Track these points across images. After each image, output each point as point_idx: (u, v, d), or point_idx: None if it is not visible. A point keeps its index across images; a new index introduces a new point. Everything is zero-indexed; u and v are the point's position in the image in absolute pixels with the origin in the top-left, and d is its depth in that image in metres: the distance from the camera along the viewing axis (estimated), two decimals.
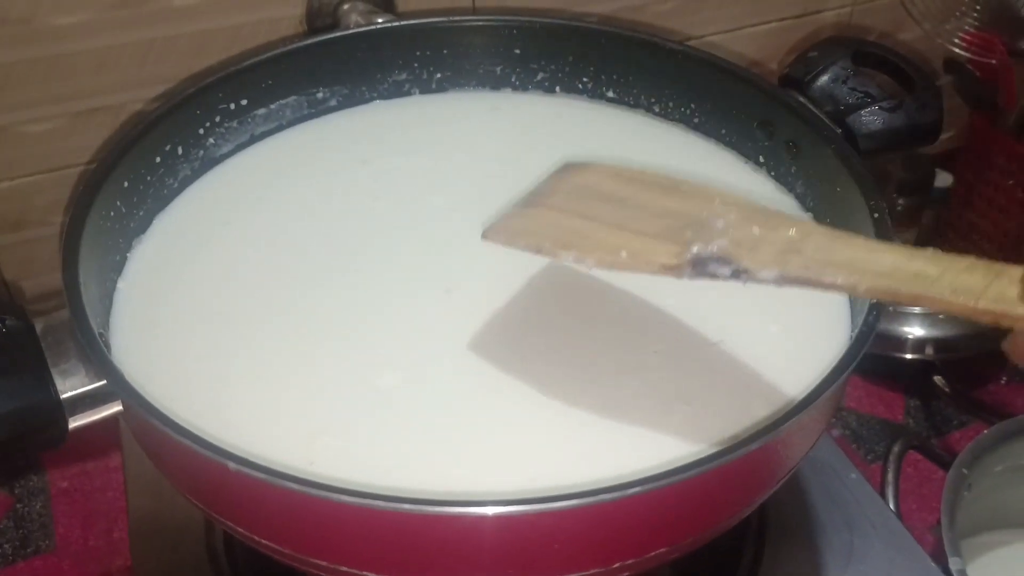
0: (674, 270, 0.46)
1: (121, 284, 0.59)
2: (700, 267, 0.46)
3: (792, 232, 0.46)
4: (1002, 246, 0.98)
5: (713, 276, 0.46)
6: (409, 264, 0.61)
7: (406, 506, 0.42)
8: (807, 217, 0.63)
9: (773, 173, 0.67)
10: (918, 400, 0.91)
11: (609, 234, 0.49)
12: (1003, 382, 0.93)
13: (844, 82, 0.63)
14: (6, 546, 0.78)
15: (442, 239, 0.63)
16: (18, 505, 0.81)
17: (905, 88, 0.64)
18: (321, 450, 0.50)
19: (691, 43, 0.87)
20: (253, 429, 0.51)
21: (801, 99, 0.63)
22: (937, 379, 0.90)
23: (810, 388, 0.50)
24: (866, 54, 0.65)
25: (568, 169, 0.55)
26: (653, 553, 0.47)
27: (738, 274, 0.45)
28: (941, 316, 0.92)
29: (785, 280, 0.44)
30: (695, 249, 0.46)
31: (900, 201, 1.00)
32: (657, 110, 0.71)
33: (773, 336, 0.57)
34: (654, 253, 0.47)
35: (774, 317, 0.57)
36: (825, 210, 0.63)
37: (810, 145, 0.63)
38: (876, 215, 0.55)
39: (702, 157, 0.69)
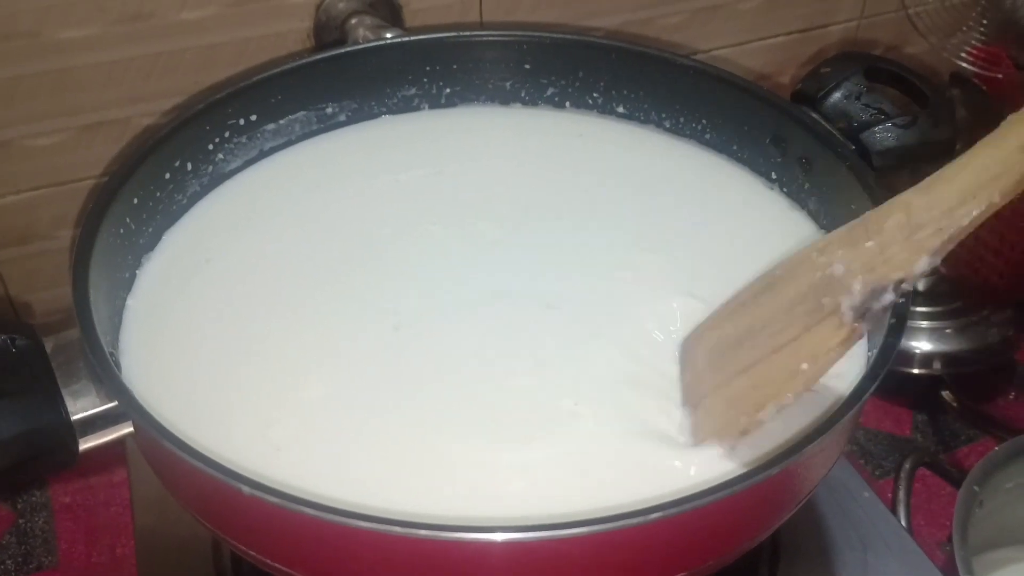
0: (852, 339, 0.45)
1: (130, 301, 0.59)
2: (867, 315, 0.45)
3: (899, 216, 0.45)
4: (1009, 261, 0.98)
5: (884, 310, 0.44)
6: (421, 278, 0.61)
7: (422, 532, 0.42)
8: (820, 235, 0.63)
9: (785, 189, 0.66)
10: (926, 415, 0.91)
11: (777, 364, 0.48)
12: (1011, 397, 0.92)
13: (857, 98, 0.63)
14: (8, 562, 0.77)
15: (453, 252, 0.63)
16: (20, 521, 0.80)
17: (918, 104, 0.63)
18: (323, 467, 0.50)
19: (699, 57, 0.87)
20: (258, 446, 0.51)
21: (814, 115, 0.63)
22: (945, 394, 0.90)
23: (829, 408, 0.50)
24: (878, 70, 0.65)
25: (688, 343, 0.54)
26: None
27: (898, 288, 0.44)
28: (948, 330, 0.92)
29: (938, 255, 0.44)
30: (847, 306, 0.45)
31: None
32: (668, 125, 0.71)
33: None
34: (825, 342, 0.46)
35: None
36: (839, 227, 0.62)
37: (823, 162, 0.62)
38: None
39: (714, 173, 0.69)
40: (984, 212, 0.43)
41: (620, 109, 0.72)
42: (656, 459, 0.50)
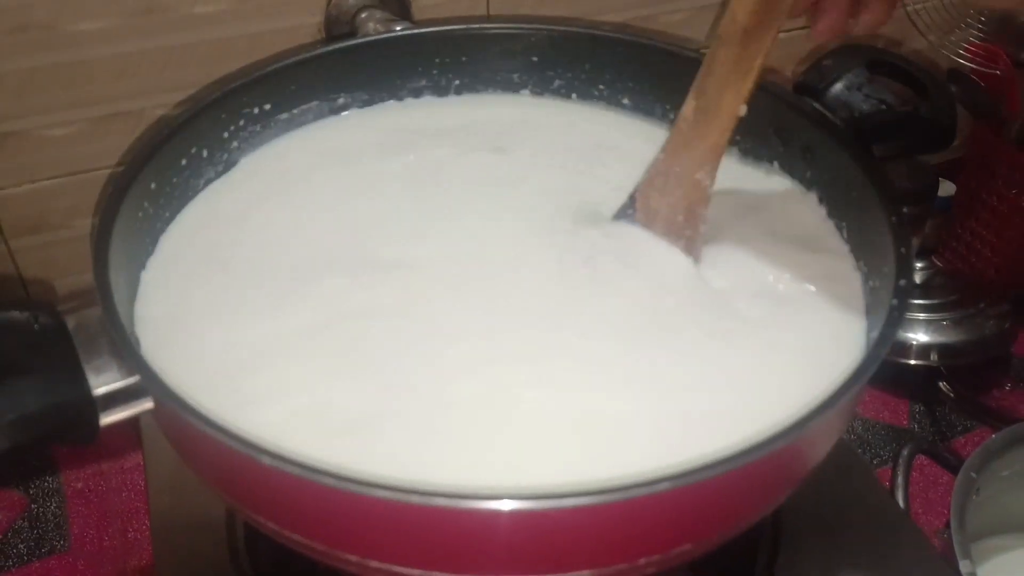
0: None
1: (147, 280, 0.59)
2: None
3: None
4: (1005, 255, 1.00)
5: None
6: (425, 256, 0.62)
7: (439, 500, 0.43)
8: (829, 224, 0.65)
9: (788, 178, 0.67)
10: (923, 405, 0.92)
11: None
12: (1007, 388, 0.94)
13: (859, 89, 0.64)
14: (21, 546, 0.78)
15: (463, 237, 0.63)
16: (33, 506, 0.81)
17: (919, 96, 0.64)
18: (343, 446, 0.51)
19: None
20: (273, 420, 0.52)
21: (816, 106, 0.64)
22: (942, 385, 0.92)
23: (832, 387, 0.52)
24: (880, 62, 0.66)
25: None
26: (679, 550, 0.48)
27: None
28: (945, 323, 0.93)
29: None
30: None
31: (904, 210, 1.01)
32: (673, 117, 0.72)
33: (787, 346, 0.58)
34: None
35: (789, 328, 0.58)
36: (840, 215, 0.64)
37: (826, 151, 0.63)
38: (894, 219, 0.56)
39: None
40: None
41: (625, 101, 0.74)
42: None
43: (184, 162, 0.64)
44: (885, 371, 0.50)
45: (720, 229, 0.63)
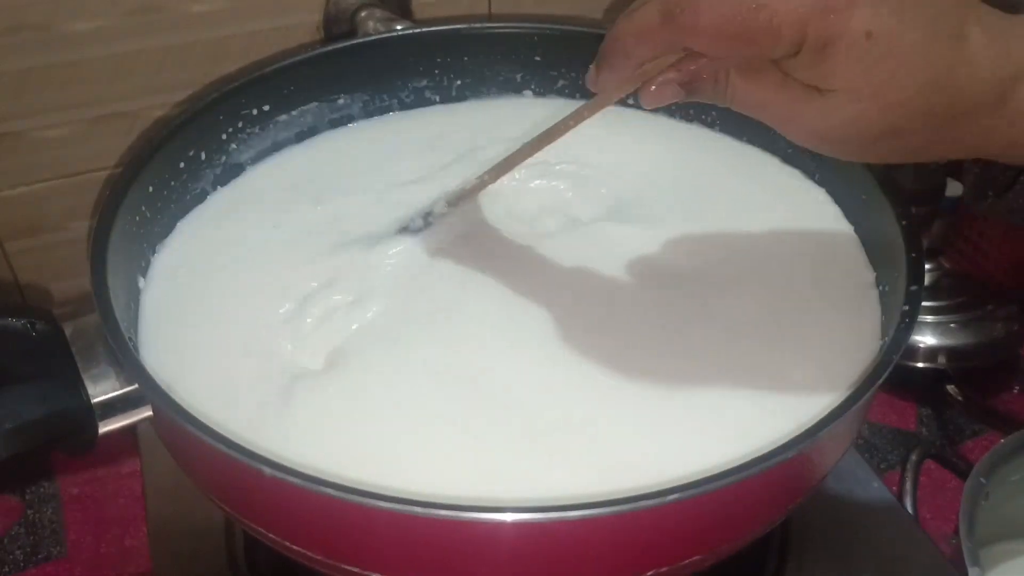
0: None
1: (145, 287, 0.59)
2: None
3: None
4: (1013, 257, 0.99)
5: None
6: (428, 262, 0.61)
7: (442, 512, 0.42)
8: (838, 212, 0.64)
9: (799, 171, 0.67)
10: (930, 409, 0.91)
11: None
12: (1016, 391, 0.93)
13: None
14: (17, 552, 0.78)
15: (465, 240, 0.63)
16: (29, 511, 0.80)
17: None
18: (338, 443, 0.50)
19: None
20: (272, 425, 0.51)
21: None
22: (950, 388, 0.91)
23: (841, 395, 0.51)
24: None
25: None
26: (688, 560, 0.47)
27: None
28: (953, 325, 0.92)
29: None
30: None
31: (911, 210, 1.00)
32: (679, 116, 0.72)
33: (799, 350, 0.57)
34: None
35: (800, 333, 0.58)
36: (849, 215, 0.63)
37: None
38: (904, 222, 0.55)
39: (729, 155, 0.69)
40: None
41: (630, 100, 0.73)
42: None
43: (182, 165, 0.63)
44: (892, 374, 0.49)
45: (729, 226, 0.62)
